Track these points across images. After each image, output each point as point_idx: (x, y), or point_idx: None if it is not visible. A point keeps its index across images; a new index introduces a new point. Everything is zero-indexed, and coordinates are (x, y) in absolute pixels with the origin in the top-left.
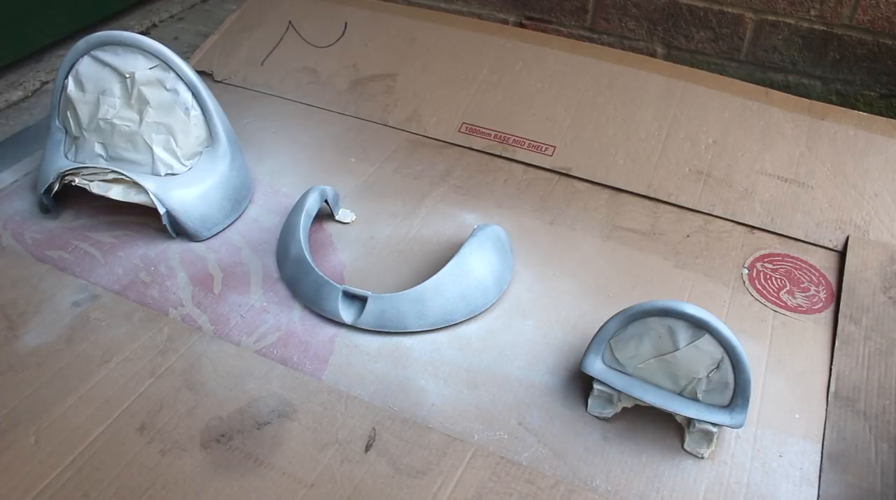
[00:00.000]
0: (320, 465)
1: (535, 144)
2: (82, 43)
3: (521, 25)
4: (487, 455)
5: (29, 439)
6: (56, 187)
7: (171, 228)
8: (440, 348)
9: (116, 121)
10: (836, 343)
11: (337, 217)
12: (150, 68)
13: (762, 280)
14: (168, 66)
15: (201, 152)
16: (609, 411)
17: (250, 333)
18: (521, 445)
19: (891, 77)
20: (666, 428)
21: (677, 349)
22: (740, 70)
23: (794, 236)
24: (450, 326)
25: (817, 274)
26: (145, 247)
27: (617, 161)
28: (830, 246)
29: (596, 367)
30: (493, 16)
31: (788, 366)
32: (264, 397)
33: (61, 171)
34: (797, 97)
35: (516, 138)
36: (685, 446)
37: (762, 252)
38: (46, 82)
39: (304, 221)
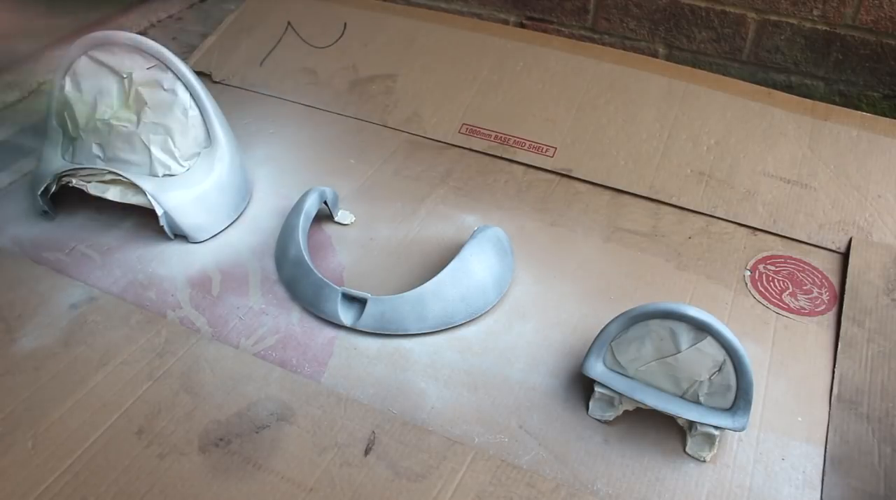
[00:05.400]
0: (319, 469)
1: (535, 145)
2: (80, 43)
3: (522, 25)
4: (488, 459)
5: (26, 443)
6: (53, 188)
7: (168, 229)
8: (440, 351)
9: (114, 121)
10: (839, 346)
11: (336, 219)
12: (148, 68)
13: (764, 282)
14: (166, 66)
15: (199, 153)
16: (610, 414)
17: (249, 335)
18: (521, 448)
19: (894, 77)
20: (667, 431)
21: (679, 352)
22: (742, 70)
23: (796, 238)
24: (450, 328)
25: (820, 276)
26: (143, 248)
27: (618, 162)
28: (833, 248)
29: (597, 369)
30: (493, 16)
31: (791, 369)
32: (263, 400)
33: (58, 172)
34: (800, 98)
35: (517, 139)
36: (687, 449)
37: (764, 254)
38: (43, 83)
39: (303, 222)
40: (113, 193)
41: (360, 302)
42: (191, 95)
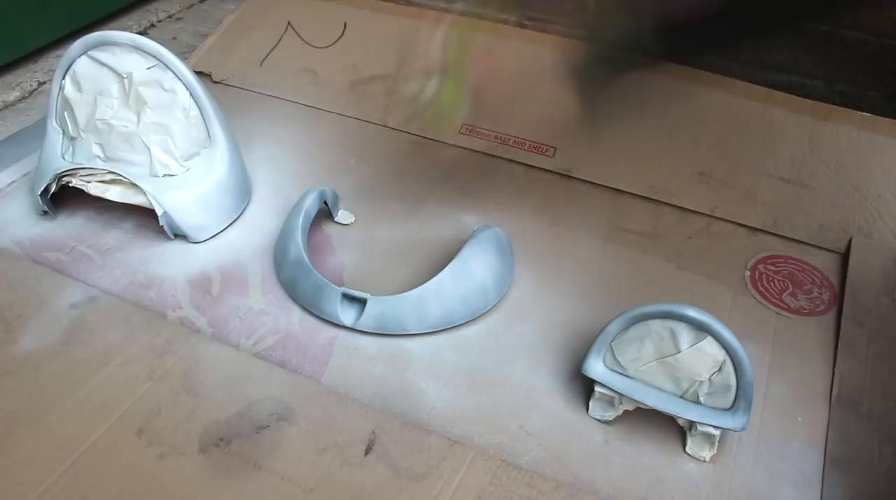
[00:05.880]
0: (319, 469)
1: (535, 145)
2: (79, 43)
3: (522, 25)
4: (488, 459)
5: (27, 443)
6: (53, 188)
7: (168, 229)
8: (440, 351)
9: (114, 121)
10: (839, 346)
11: (336, 219)
12: (148, 69)
13: (764, 282)
14: (166, 66)
15: (199, 153)
16: (610, 414)
17: (249, 335)
18: (521, 448)
19: (894, 78)
20: (668, 431)
21: (679, 352)
22: (742, 71)
23: (796, 238)
24: (450, 328)
25: (820, 276)
26: (143, 248)
27: (618, 162)
28: (833, 248)
29: (597, 369)
30: (493, 16)
31: (791, 368)
32: (263, 400)
33: (59, 172)
34: (800, 98)
35: (517, 139)
36: (687, 449)
37: (764, 254)
38: (44, 83)
39: (303, 222)
40: (113, 193)
41: (360, 302)
42: (191, 95)
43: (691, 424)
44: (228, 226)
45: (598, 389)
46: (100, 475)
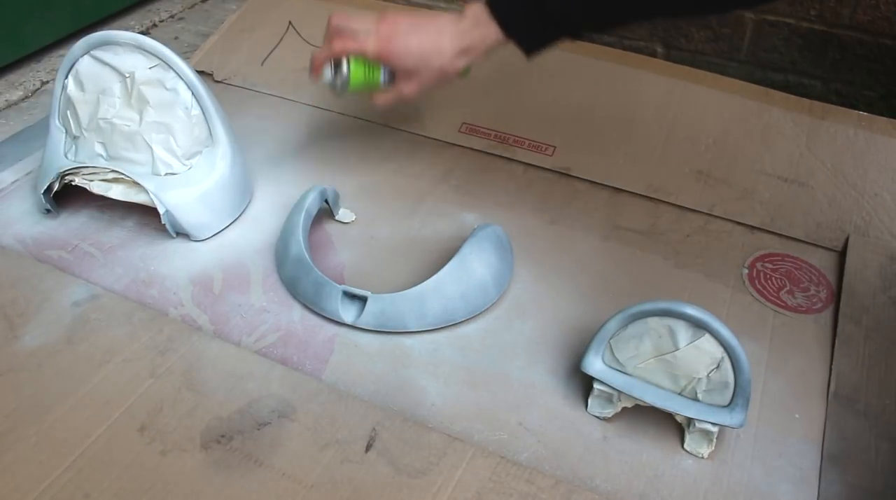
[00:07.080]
0: (320, 465)
1: (534, 143)
2: (82, 43)
3: None
4: (487, 455)
5: (29, 440)
6: (56, 187)
7: (170, 227)
8: (440, 348)
9: (116, 120)
10: (836, 343)
11: (337, 217)
12: (150, 68)
13: (762, 280)
14: (168, 65)
15: (201, 152)
16: (609, 411)
17: (250, 333)
18: (521, 445)
19: (890, 77)
20: (666, 428)
21: (677, 349)
22: (740, 70)
23: (794, 236)
24: (450, 326)
25: (817, 274)
26: (145, 247)
27: (617, 161)
28: (830, 246)
29: (596, 367)
30: None
31: (788, 366)
32: (264, 397)
33: (61, 170)
34: (797, 97)
35: (516, 138)
36: (685, 445)
37: (762, 252)
38: (46, 82)
39: (303, 220)
40: (116, 192)
41: (360, 300)
42: (193, 94)
43: (689, 421)
44: (230, 224)
45: (596, 386)
46: (102, 472)
